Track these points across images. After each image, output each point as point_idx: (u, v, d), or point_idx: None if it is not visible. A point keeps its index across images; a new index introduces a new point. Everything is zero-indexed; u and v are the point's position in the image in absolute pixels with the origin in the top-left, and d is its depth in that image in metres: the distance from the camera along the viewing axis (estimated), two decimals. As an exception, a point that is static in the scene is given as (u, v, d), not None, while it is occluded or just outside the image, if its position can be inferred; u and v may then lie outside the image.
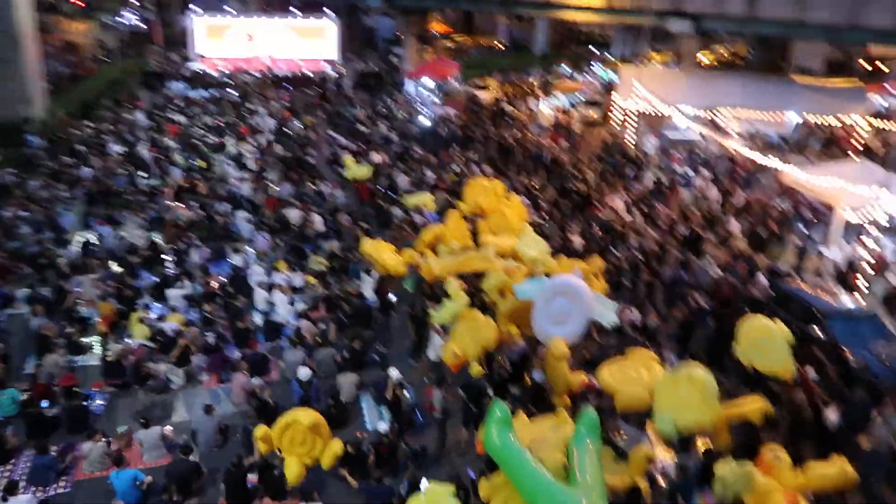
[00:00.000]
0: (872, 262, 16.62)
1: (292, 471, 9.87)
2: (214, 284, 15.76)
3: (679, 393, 9.46)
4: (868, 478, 10.03)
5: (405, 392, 11.78)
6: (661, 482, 9.93)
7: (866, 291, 15.85)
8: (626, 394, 10.38)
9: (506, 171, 25.07)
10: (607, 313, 12.17)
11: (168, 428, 11.48)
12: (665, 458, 10.57)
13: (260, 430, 10.19)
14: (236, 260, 17.37)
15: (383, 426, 10.64)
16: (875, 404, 10.41)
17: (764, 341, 10.74)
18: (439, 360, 12.77)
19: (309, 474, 10.44)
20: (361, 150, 26.84)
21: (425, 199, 19.44)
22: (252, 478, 10.23)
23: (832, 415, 10.09)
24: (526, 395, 11.05)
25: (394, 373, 11.86)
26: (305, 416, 9.94)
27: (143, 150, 26.33)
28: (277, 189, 22.12)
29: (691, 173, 25.38)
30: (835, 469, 8.91)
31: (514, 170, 25.64)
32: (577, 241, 17.66)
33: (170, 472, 10.12)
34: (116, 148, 26.47)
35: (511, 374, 11.65)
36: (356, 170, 23.27)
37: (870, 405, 10.49)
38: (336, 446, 10.12)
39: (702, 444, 10.82)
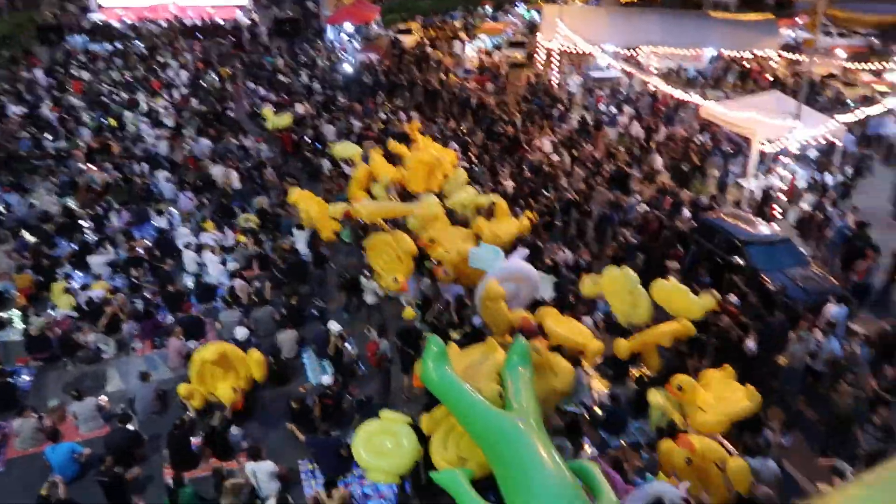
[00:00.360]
0: (786, 190, 17.53)
1: (226, 397, 10.43)
2: (139, 249, 15.18)
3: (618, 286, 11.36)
4: (786, 393, 10.85)
5: (346, 344, 11.80)
6: (598, 411, 10.41)
7: (781, 218, 16.73)
8: (564, 336, 10.74)
9: (433, 118, 24.86)
10: (546, 288, 12.72)
11: (103, 398, 11.17)
12: (600, 389, 11.06)
13: (182, 388, 10.49)
14: (160, 222, 16.76)
15: (326, 379, 10.67)
16: (791, 325, 11.13)
17: (623, 293, 11.51)
18: (377, 304, 13.01)
19: (254, 432, 10.50)
20: (284, 101, 26.01)
21: (352, 152, 19.10)
22: (196, 440, 10.16)
23: (750, 343, 10.72)
24: (466, 340, 11.26)
25: (333, 326, 11.86)
26: (209, 351, 10.53)
27: (46, 111, 24.74)
28: (196, 145, 21.25)
29: (615, 111, 25.81)
30: (740, 394, 9.45)
31: (441, 115, 25.45)
32: (508, 184, 17.82)
33: (109, 442, 9.88)
34: (15, 109, 24.74)
35: (450, 321, 11.82)
36: (276, 119, 22.61)
37: (787, 326, 11.21)
38: (256, 355, 10.86)
39: (636, 372, 11.39)
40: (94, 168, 19.35)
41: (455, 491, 7.19)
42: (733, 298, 11.75)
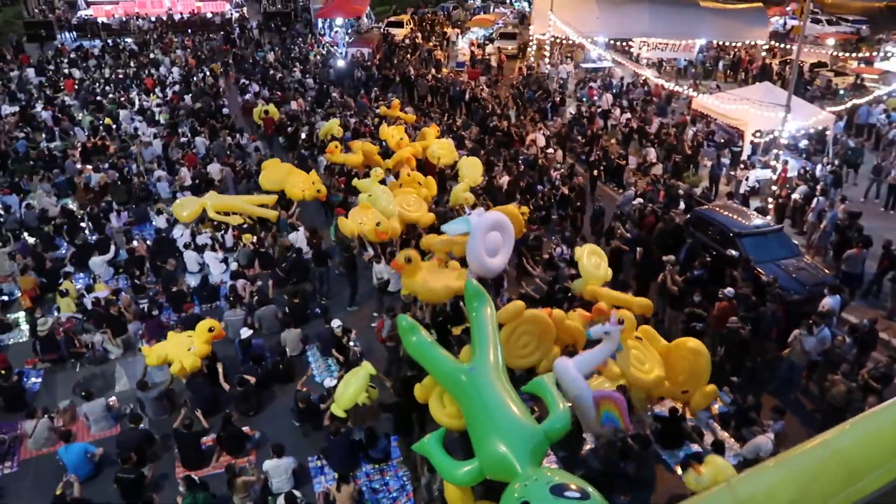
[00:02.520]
0: (777, 180, 17.82)
1: (192, 363, 11.09)
2: (140, 249, 15.33)
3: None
4: (785, 384, 11.20)
5: (351, 341, 12.03)
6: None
7: (773, 209, 17.03)
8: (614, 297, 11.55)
9: (428, 112, 25.03)
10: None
11: (112, 398, 11.38)
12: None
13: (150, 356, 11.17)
14: (159, 222, 16.89)
15: (329, 382, 10.76)
16: (786, 317, 11.47)
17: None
18: (380, 286, 13.45)
19: (270, 429, 10.72)
20: (278, 97, 26.09)
21: (332, 126, 20.36)
22: (207, 439, 10.40)
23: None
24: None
25: (336, 323, 12.07)
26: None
27: (40, 110, 24.75)
28: (187, 142, 21.31)
29: (608, 103, 26.03)
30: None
31: (436, 110, 25.60)
32: (504, 179, 18.04)
33: (121, 441, 10.08)
34: (8, 108, 24.73)
35: (451, 315, 12.05)
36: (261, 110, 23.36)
37: (778, 316, 11.54)
38: (204, 325, 11.51)
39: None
40: (91, 168, 19.44)
41: (431, 455, 8.04)
42: (728, 291, 12.05)
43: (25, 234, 16.45)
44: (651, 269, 13.42)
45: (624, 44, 31.94)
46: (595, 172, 19.48)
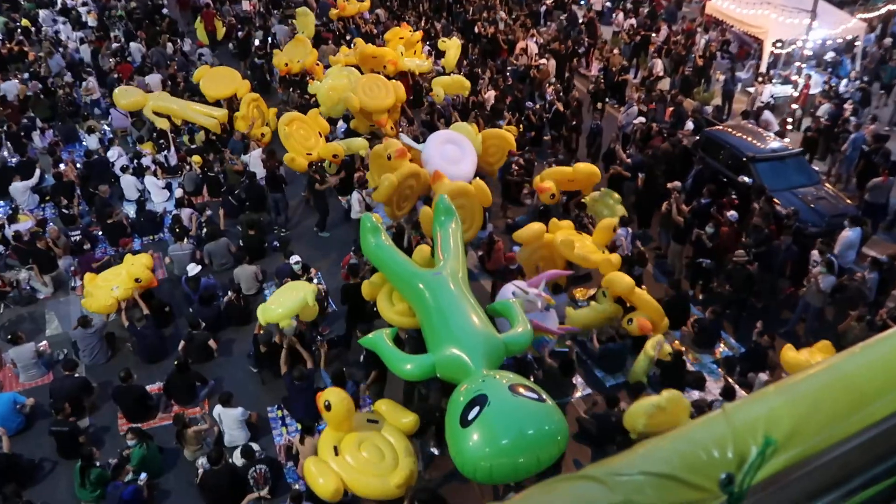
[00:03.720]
0: (799, 98, 17.73)
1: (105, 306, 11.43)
2: (69, 173, 14.97)
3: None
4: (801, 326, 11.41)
5: (315, 280, 11.99)
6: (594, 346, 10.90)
7: (792, 130, 17.00)
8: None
9: (401, 14, 24.34)
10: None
11: (43, 343, 11.36)
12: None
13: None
14: (91, 142, 16.47)
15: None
16: (802, 250, 11.58)
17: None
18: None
19: (224, 376, 10.77)
20: (226, -4, 25.19)
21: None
22: (154, 387, 10.43)
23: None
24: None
25: (294, 259, 11.94)
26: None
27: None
28: (120, 48, 20.63)
29: (609, 5, 25.50)
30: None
31: (412, 13, 24.91)
32: (490, 94, 17.74)
33: (54, 390, 10.07)
34: None
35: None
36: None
37: (794, 251, 11.65)
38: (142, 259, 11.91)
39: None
40: (11, 79, 18.78)
41: (379, 349, 8.87)
42: (731, 214, 12.14)
43: (-67, 155, 15.99)
44: (654, 197, 13.40)
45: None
46: (592, 87, 19.22)
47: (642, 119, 16.17)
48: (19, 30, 22.26)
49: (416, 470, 8.20)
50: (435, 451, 9.32)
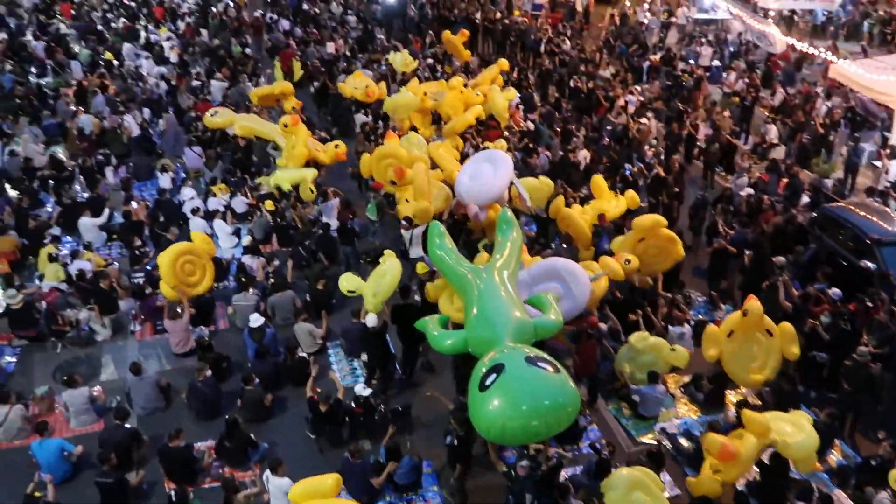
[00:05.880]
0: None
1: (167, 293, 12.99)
2: (139, 213, 15.76)
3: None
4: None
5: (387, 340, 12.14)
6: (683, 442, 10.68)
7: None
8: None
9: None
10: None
11: (97, 388, 11.80)
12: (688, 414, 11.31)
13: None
14: (163, 181, 17.33)
15: (359, 387, 11.02)
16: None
17: None
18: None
19: (279, 440, 11.01)
20: (313, 37, 26.38)
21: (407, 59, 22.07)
22: (204, 445, 10.69)
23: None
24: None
25: (371, 319, 12.02)
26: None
27: (31, 38, 25.60)
28: (201, 86, 21.77)
29: (719, 64, 25.52)
30: None
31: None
32: (582, 154, 17.85)
33: (104, 440, 10.42)
34: (-5, 35, 25.69)
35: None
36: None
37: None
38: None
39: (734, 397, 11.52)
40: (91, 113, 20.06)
41: (425, 328, 10.47)
42: (833, 291, 12.01)
43: (7, 185, 17.07)
44: (763, 277, 13.15)
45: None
46: (698, 152, 19.16)
47: (751, 190, 15.99)
48: (102, 62, 23.80)
49: None
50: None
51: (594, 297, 11.94)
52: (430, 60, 24.31)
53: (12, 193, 16.87)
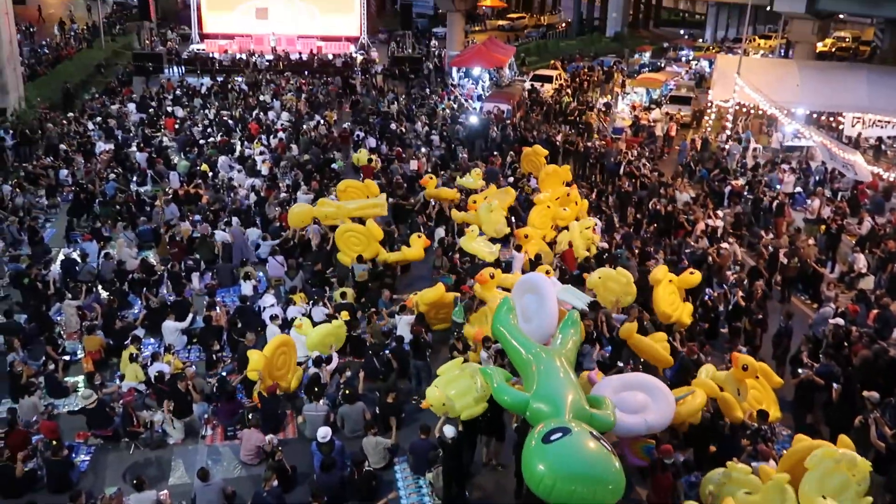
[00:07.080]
0: None
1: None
2: (219, 318, 16.17)
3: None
4: None
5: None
6: None
7: None
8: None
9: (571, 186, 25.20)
10: (578, 301, 14.92)
11: (164, 493, 11.84)
12: None
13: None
14: (245, 288, 17.81)
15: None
16: None
17: None
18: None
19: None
20: (397, 154, 27.29)
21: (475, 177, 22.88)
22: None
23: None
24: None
25: (449, 430, 11.65)
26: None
27: (135, 150, 27.23)
28: (288, 198, 22.59)
29: (802, 192, 25.21)
30: None
31: (585, 185, 25.77)
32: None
33: (167, 548, 10.42)
34: (104, 146, 27.39)
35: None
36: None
37: None
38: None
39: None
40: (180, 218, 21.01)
41: (489, 377, 11.52)
42: None
43: (100, 287, 17.82)
44: (852, 414, 12.48)
45: (831, 118, 31.07)
46: (781, 278, 18.71)
47: (839, 320, 15.43)
48: (198, 173, 25.07)
49: None
50: None
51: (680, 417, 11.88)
52: (510, 178, 24.72)
53: (104, 294, 17.58)
